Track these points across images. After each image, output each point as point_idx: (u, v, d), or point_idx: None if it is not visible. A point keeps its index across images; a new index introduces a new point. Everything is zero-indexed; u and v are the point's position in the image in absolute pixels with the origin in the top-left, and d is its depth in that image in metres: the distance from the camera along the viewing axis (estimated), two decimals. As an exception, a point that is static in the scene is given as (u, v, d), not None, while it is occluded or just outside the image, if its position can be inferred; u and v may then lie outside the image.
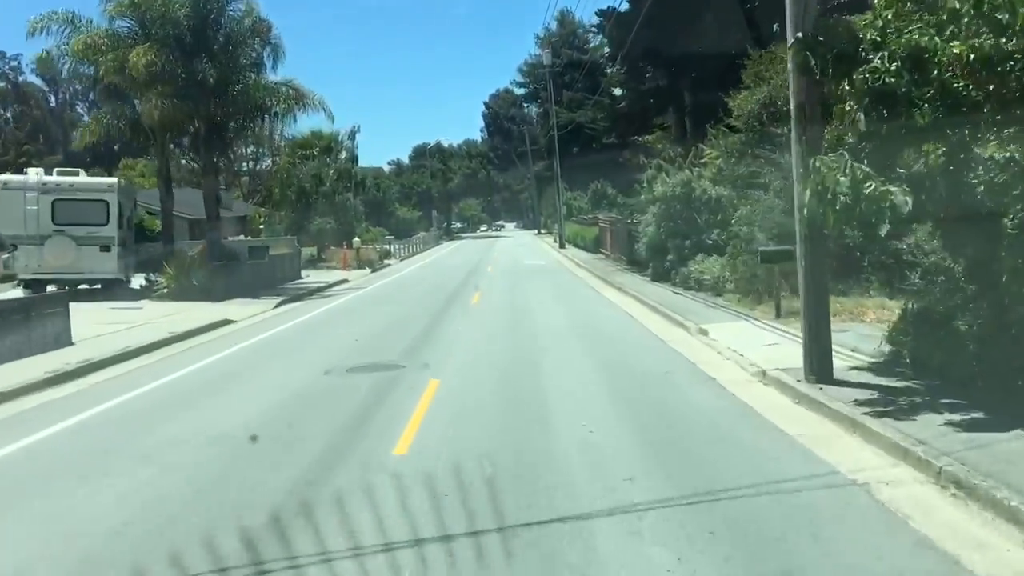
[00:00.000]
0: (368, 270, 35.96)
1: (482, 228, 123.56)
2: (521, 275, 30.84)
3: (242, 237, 43.15)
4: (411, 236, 64.00)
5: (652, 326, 15.51)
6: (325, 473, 6.51)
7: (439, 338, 14.54)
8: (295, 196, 45.06)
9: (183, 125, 24.04)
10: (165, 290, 21.67)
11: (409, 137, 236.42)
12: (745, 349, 11.64)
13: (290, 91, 25.55)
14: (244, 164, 60.22)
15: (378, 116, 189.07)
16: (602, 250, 41.05)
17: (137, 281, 24.70)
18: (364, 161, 78.71)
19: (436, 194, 79.08)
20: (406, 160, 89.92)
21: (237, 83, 24.38)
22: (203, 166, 25.76)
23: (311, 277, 30.61)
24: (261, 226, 49.82)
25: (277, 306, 20.99)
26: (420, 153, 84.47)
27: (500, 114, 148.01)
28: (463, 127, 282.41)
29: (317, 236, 43.68)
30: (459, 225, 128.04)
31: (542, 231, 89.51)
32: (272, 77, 25.29)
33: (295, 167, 47.14)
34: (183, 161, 28.86)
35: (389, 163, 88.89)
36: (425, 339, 14.38)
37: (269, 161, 59.88)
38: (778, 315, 14.24)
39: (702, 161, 23.02)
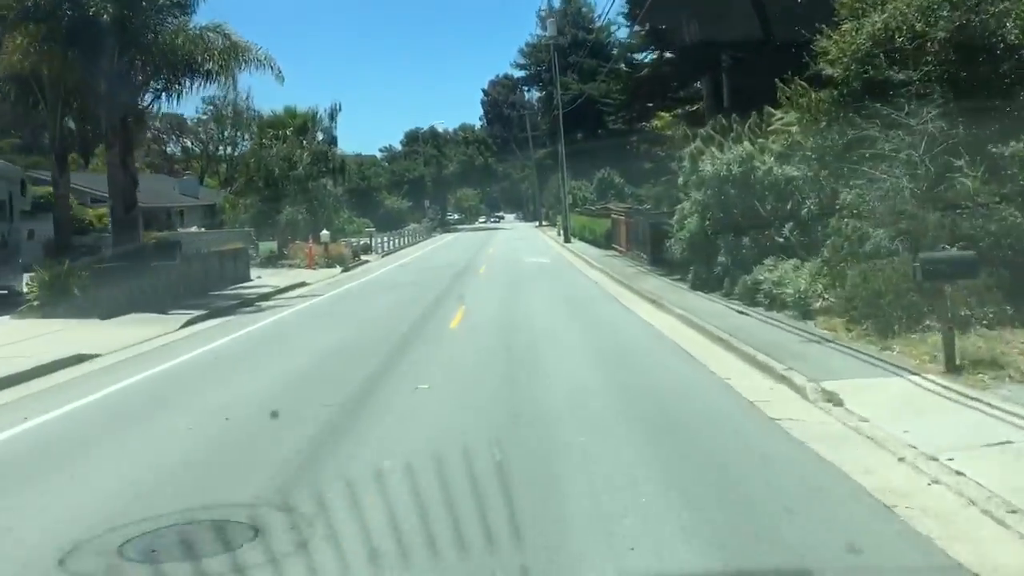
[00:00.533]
0: (338, 269, 30.23)
1: (480, 219, 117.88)
2: (522, 279, 25.12)
3: (194, 229, 37.37)
4: (401, 228, 58.27)
5: (734, 377, 9.65)
6: None
7: (371, 423, 7.87)
8: (262, 182, 39.22)
9: (76, 82, 18.18)
10: (35, 303, 15.91)
11: (404, 125, 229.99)
12: (965, 462, 5.89)
13: (225, 41, 19.72)
14: (220, 148, 54.48)
15: (371, 102, 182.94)
16: (615, 245, 35.31)
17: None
18: (354, 148, 73.03)
19: (430, 182, 73.21)
20: (399, 147, 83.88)
21: (150, 29, 18.55)
22: (106, 139, 19.89)
23: (264, 279, 24.86)
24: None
25: (185, 325, 15.27)
26: (413, 139, 78.41)
27: (500, 101, 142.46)
28: (461, 115, 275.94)
29: (287, 228, 37.90)
30: (456, 216, 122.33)
31: (543, 223, 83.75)
32: (199, 22, 19.44)
33: (266, 149, 41.25)
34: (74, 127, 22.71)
35: (381, 150, 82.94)
36: (346, 427, 7.67)
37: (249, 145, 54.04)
38: (951, 366, 8.51)
39: (769, 129, 17.19)
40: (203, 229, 38.60)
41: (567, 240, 46.76)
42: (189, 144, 68.77)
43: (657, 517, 5.10)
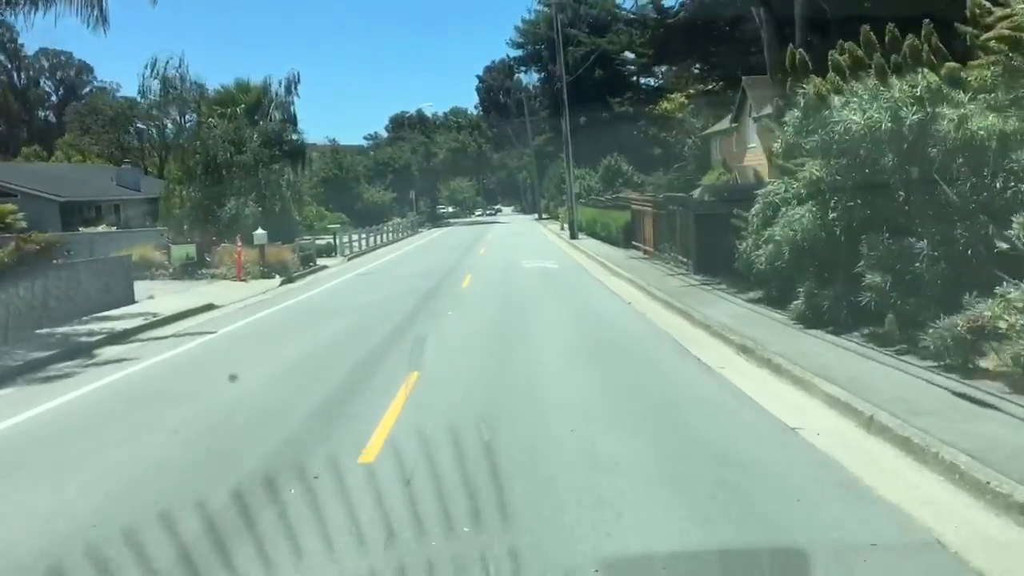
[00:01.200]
0: (277, 281, 22.88)
1: (477, 212, 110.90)
2: (522, 298, 17.95)
3: (102, 228, 30.10)
4: (383, 223, 51.02)
5: None
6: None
7: None
8: (201, 168, 31.90)
9: None
10: None
11: (392, 112, 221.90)
12: None
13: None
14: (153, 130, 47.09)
15: (357, 89, 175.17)
16: (636, 244, 28.12)
17: None
18: (342, 139, 65.81)
19: (417, 172, 65.84)
20: (385, 135, 76.02)
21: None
22: None
23: (157, 300, 17.54)
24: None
25: None
26: (399, 124, 70.96)
27: (496, 87, 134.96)
28: (454, 102, 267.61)
29: (230, 225, 30.60)
30: (450, 209, 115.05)
31: (543, 215, 76.46)
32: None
33: (209, 129, 33.88)
34: None
35: (366, 138, 75.37)
36: None
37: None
38: None
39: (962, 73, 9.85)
40: (114, 228, 31.26)
41: (574, 236, 39.49)
42: (152, 131, 61.76)
43: None
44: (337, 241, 34.21)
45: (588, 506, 5.12)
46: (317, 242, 31.80)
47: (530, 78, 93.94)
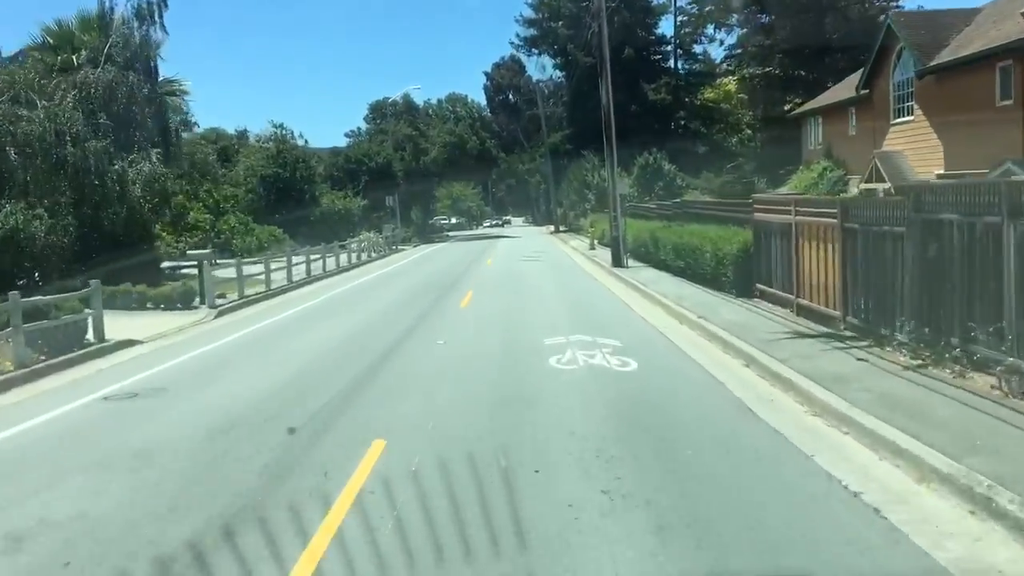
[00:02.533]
0: None
1: (486, 223, 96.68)
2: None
3: None
4: (348, 238, 36.81)
5: None
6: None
7: None
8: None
9: None
10: None
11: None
12: None
13: None
14: None
15: (346, 89, 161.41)
16: (775, 290, 13.73)
17: None
18: (321, 141, 52.18)
19: (402, 173, 51.52)
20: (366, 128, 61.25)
21: None
22: None
23: None
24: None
25: None
26: (381, 113, 56.45)
27: (504, 85, 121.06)
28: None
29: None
30: (453, 220, 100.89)
31: (561, 227, 62.08)
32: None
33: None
34: None
35: (347, 135, 60.84)
36: None
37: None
38: None
39: None
40: None
41: (619, 263, 25.01)
42: None
43: None
44: (238, 274, 19.74)
45: None
46: (221, 272, 17.50)
47: (542, 64, 79.27)
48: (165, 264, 26.11)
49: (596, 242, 35.97)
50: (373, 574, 4.36)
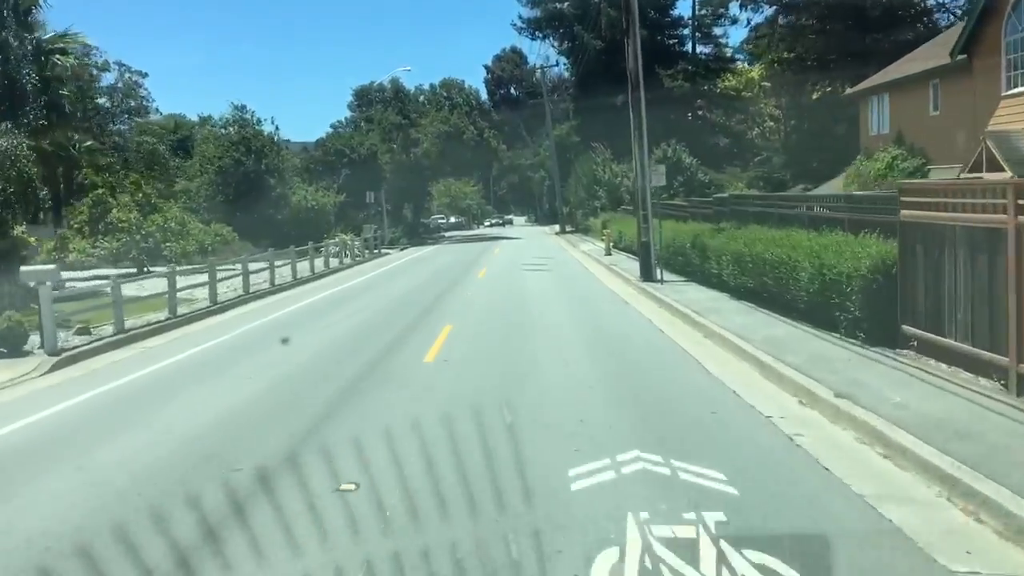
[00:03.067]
0: None
1: (487, 223, 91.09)
2: None
3: None
4: (322, 240, 31.05)
5: None
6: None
7: None
8: None
9: None
10: None
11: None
12: None
13: None
14: None
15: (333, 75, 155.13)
16: (953, 342, 7.87)
17: None
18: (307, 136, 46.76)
19: (389, 166, 45.60)
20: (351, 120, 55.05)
21: None
22: None
23: None
24: None
25: None
26: (367, 100, 50.43)
27: (505, 78, 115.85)
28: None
29: None
30: (451, 219, 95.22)
31: (567, 227, 56.20)
32: None
33: None
34: None
35: (333, 125, 54.80)
36: None
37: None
38: None
39: None
40: None
41: (649, 276, 19.12)
42: None
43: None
44: (115, 293, 13.87)
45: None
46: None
47: (546, 50, 72.90)
48: (67, 277, 20.31)
49: (612, 246, 30.16)
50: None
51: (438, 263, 29.97)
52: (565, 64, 69.10)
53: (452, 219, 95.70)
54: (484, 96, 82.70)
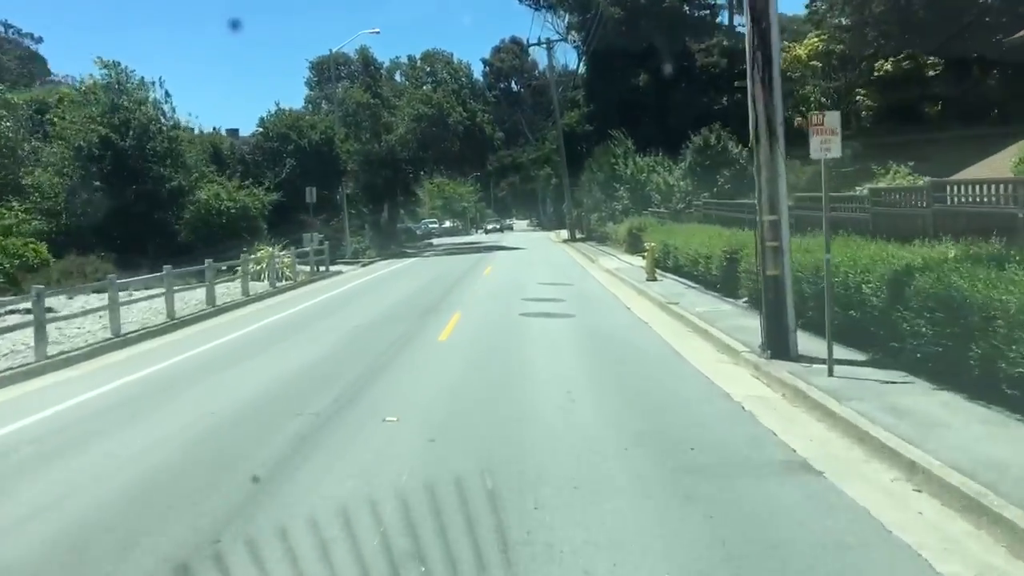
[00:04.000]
0: None
1: (487, 226, 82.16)
2: None
3: None
4: (244, 254, 21.02)
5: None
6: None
7: None
8: None
9: None
10: None
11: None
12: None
13: None
14: None
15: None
16: None
17: None
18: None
19: (358, 157, 35.42)
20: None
21: None
22: None
23: None
24: None
25: None
26: (328, 75, 39.39)
27: (504, 71, 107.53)
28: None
29: None
30: (446, 224, 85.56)
31: (578, 235, 46.12)
32: None
33: None
34: None
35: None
36: None
37: None
38: None
39: None
40: None
41: (780, 350, 8.97)
42: None
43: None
44: None
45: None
46: None
47: (551, 29, 62.83)
48: None
49: (654, 267, 19.91)
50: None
51: (393, 296, 19.53)
52: (574, 42, 58.90)
53: (448, 223, 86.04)
54: (478, 74, 72.25)
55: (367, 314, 15.62)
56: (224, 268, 20.11)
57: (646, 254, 20.67)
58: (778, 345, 9.66)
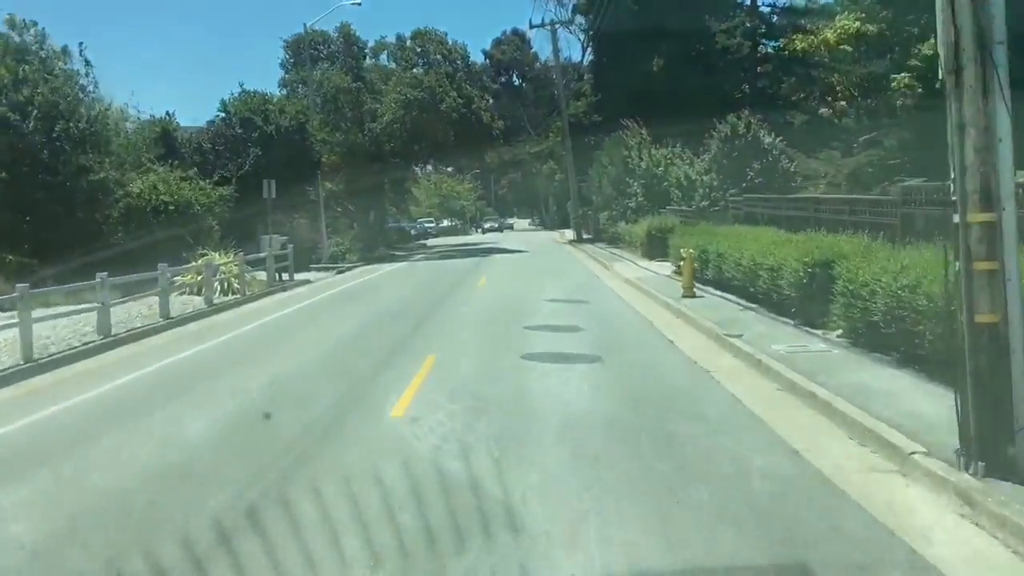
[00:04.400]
0: None
1: (487, 225, 78.50)
2: None
3: None
4: (175, 264, 16.61)
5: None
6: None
7: None
8: None
9: None
10: None
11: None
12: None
13: None
14: None
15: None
16: None
17: None
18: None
19: (340, 148, 30.96)
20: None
21: None
22: None
23: None
24: None
25: None
26: (305, 55, 34.26)
27: (505, 63, 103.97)
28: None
29: None
30: (444, 223, 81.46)
31: (584, 235, 41.71)
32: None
33: None
34: None
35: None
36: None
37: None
38: None
39: None
40: None
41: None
42: None
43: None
44: None
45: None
46: None
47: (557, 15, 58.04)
48: None
49: (692, 279, 15.46)
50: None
51: (342, 326, 14.68)
52: (580, 26, 54.39)
53: (445, 222, 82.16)
54: (477, 59, 67.33)
55: (295, 359, 10.80)
56: (149, 279, 15.69)
57: (683, 263, 16.16)
58: (993, 450, 5.22)
